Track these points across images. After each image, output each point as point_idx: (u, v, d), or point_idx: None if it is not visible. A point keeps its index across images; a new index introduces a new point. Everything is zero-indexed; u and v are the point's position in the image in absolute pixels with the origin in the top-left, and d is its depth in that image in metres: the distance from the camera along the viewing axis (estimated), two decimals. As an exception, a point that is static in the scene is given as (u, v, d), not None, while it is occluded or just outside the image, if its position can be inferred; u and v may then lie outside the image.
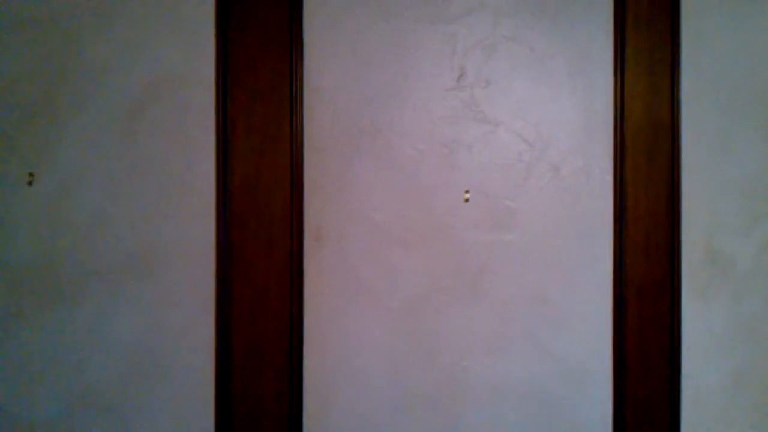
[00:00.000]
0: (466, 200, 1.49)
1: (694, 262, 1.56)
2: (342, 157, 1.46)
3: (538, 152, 1.51)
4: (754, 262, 1.58)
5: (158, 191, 1.40)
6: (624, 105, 1.53)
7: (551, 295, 1.52)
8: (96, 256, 1.39)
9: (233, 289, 1.41)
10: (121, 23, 1.39)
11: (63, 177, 1.38)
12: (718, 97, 1.57)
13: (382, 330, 1.47)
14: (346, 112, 1.46)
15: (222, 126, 1.41)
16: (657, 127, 1.54)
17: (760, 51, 1.57)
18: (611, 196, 1.53)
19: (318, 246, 1.45)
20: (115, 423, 1.40)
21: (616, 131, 1.53)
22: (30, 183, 1.36)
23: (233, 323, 1.42)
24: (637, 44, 1.53)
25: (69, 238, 1.38)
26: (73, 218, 1.38)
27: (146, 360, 1.40)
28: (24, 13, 1.36)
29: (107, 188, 1.39)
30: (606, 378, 1.53)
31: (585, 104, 1.52)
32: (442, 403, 1.48)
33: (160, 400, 1.41)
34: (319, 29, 1.45)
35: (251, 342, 1.42)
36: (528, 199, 1.51)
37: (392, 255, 1.47)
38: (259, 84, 1.42)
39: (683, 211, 1.55)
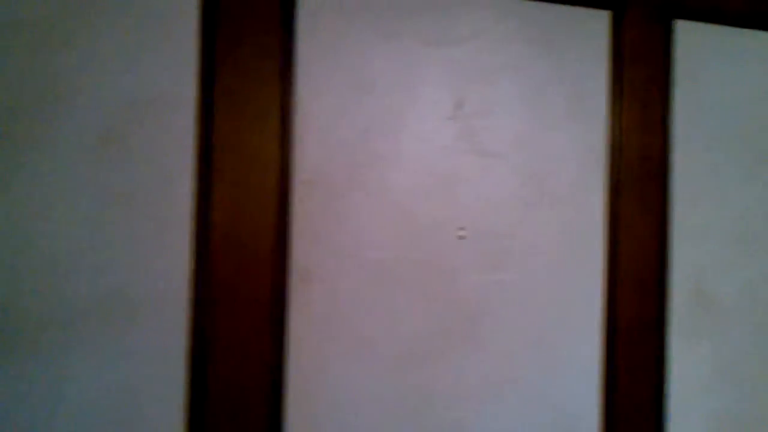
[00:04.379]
0: (461, 237, 1.41)
1: (683, 303, 1.55)
2: (333, 189, 1.34)
3: (535, 187, 1.46)
4: (740, 303, 1.59)
5: (130, 226, 1.23)
6: (621, 139, 1.51)
7: (546, 338, 1.46)
8: (56, 301, 1.19)
9: (210, 341, 1.25)
10: (94, 37, 1.22)
11: (21, 213, 1.18)
12: (710, 135, 1.57)
13: (373, 379, 1.35)
14: (339, 140, 1.34)
15: (204, 153, 1.25)
16: (650, 164, 1.53)
17: (750, 89, 1.60)
18: (606, 233, 1.50)
19: (305, 287, 1.32)
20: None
21: (613, 166, 1.50)
22: (-30, 215, 1.15)
23: (209, 378, 1.25)
24: (632, 78, 1.52)
25: (27, 281, 1.17)
26: (31, 258, 1.18)
27: (111, 421, 1.21)
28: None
29: (71, 225, 1.20)
30: (595, 423, 1.48)
31: (582, 137, 1.49)
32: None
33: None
34: (314, 50, 1.33)
35: (228, 396, 1.26)
36: (524, 236, 1.45)
37: (385, 297, 1.36)
38: (246, 108, 1.28)
39: (673, 251, 1.54)
